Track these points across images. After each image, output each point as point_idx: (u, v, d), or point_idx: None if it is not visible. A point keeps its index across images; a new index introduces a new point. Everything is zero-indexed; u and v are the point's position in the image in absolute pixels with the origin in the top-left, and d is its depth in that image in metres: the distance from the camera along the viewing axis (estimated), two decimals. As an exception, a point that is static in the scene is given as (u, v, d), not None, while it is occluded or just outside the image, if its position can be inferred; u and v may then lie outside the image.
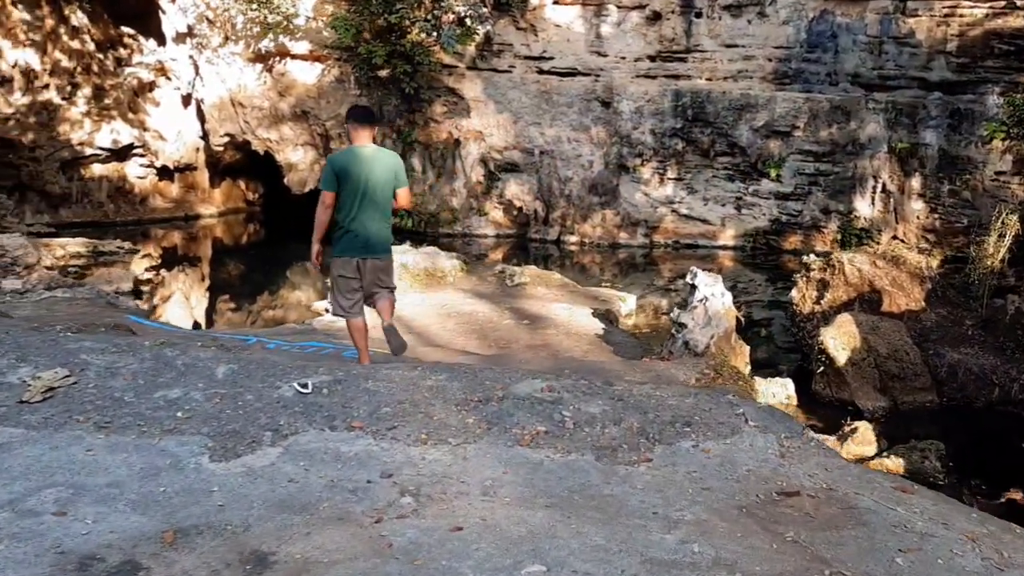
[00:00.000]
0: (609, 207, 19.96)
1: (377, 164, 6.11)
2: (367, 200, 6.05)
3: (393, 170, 6.21)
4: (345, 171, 5.99)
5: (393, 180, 6.21)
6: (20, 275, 11.63)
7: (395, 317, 10.61)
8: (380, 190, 6.10)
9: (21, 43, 20.72)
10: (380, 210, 6.16)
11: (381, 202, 6.13)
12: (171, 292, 15.08)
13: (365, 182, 6.02)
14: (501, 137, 20.35)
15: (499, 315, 11.47)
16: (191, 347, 6.19)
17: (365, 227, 6.09)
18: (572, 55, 19.97)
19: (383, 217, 6.24)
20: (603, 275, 18.64)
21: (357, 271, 6.27)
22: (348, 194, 6.02)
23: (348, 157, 6.09)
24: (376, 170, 6.08)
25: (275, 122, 21.49)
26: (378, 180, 6.08)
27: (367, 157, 6.12)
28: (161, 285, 15.63)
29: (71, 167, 21.21)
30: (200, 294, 15.53)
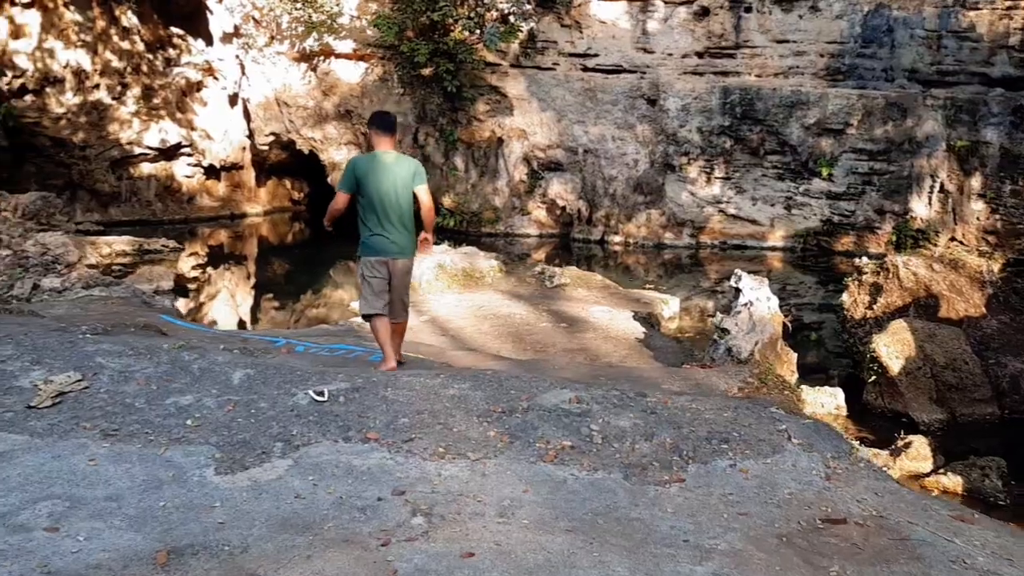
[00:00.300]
0: (654, 207, 19.50)
1: (399, 169, 6.24)
2: (392, 204, 6.21)
3: (412, 173, 6.31)
4: (366, 175, 6.14)
5: (412, 182, 6.31)
6: (61, 273, 11.64)
7: (431, 319, 10.42)
8: (403, 194, 6.26)
9: (73, 44, 20.99)
10: (404, 213, 6.32)
11: (404, 205, 6.30)
12: (212, 291, 15.06)
13: (388, 186, 6.17)
14: (544, 135, 20.01)
15: (536, 317, 11.14)
16: (210, 350, 5.99)
17: (392, 229, 6.25)
18: (617, 52, 19.55)
19: (407, 219, 6.38)
20: (647, 276, 18.20)
21: (387, 271, 6.40)
22: (373, 198, 6.18)
23: (370, 162, 6.22)
24: (399, 175, 6.22)
25: (319, 121, 21.45)
26: (400, 184, 6.22)
27: (389, 163, 6.24)
28: (203, 283, 15.63)
29: (120, 166, 21.43)
30: (241, 293, 15.49)
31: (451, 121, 20.69)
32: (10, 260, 11.63)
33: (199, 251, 20.27)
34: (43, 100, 20.77)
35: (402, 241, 6.38)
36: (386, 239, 6.30)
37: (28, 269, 11.56)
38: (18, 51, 20.24)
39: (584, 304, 11.94)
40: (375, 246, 6.32)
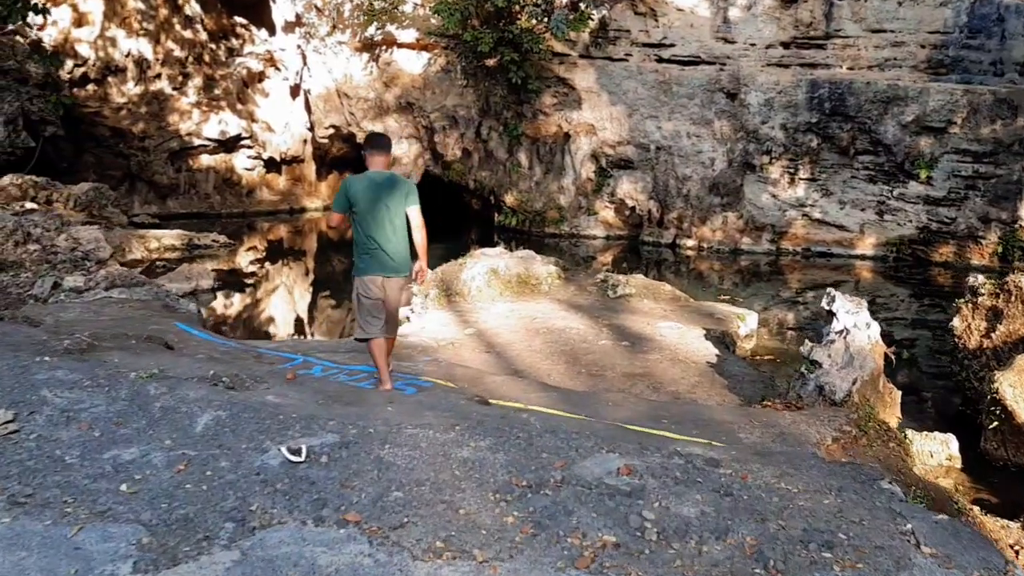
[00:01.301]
0: (731, 209, 17.92)
1: (389, 188, 6.19)
2: (385, 222, 6.15)
3: (404, 193, 6.24)
4: (359, 195, 6.12)
5: (404, 203, 6.22)
6: (89, 271, 10.85)
7: (478, 331, 9.23)
8: (395, 213, 6.19)
9: (135, 32, 20.48)
10: (397, 231, 6.24)
11: (397, 224, 6.23)
12: (255, 291, 14.15)
13: (380, 205, 6.12)
14: (614, 131, 18.62)
15: (595, 333, 9.84)
16: (183, 383, 4.89)
17: (385, 248, 6.20)
18: (695, 42, 18.02)
19: (401, 238, 6.29)
20: (722, 284, 16.68)
21: (381, 290, 6.29)
22: (366, 217, 6.13)
23: (363, 182, 6.20)
24: (389, 193, 6.17)
25: (380, 114, 20.49)
26: (392, 203, 6.17)
27: (381, 182, 6.20)
28: (248, 283, 14.72)
29: (179, 158, 20.86)
30: (287, 294, 14.54)
31: (515, 115, 19.48)
32: (38, 255, 10.89)
33: (255, 246, 19.52)
34: (104, 90, 20.31)
35: (395, 260, 6.28)
36: (379, 258, 6.22)
37: (56, 266, 10.80)
38: (80, 39, 19.80)
39: (650, 319, 10.58)
40: (368, 265, 6.24)
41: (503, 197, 19.91)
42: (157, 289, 9.67)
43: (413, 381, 6.61)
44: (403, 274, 6.35)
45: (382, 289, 6.25)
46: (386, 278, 6.24)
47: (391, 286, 6.30)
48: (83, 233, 11.60)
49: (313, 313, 13.15)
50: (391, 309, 6.42)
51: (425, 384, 6.51)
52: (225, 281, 14.47)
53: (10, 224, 10.87)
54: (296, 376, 6.16)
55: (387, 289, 6.28)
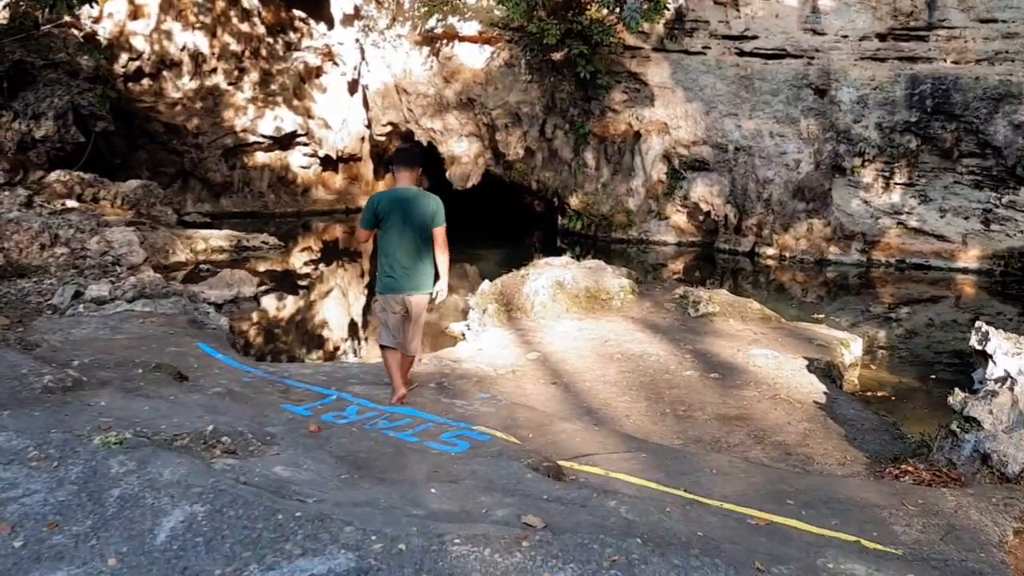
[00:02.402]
0: (818, 215, 16.19)
1: (416, 205, 6.00)
2: (408, 240, 5.97)
3: (431, 211, 6.03)
4: (386, 211, 5.97)
5: (430, 221, 6.00)
6: (119, 276, 9.79)
7: (542, 356, 8.03)
8: (420, 230, 5.99)
9: (191, 26, 19.61)
10: (421, 249, 6.04)
11: (422, 242, 6.03)
12: (296, 299, 12.97)
13: (406, 223, 5.95)
14: (689, 130, 17.05)
15: (678, 361, 8.38)
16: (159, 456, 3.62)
17: (409, 266, 6.04)
18: (781, 33, 16.32)
19: (425, 256, 6.09)
20: (805, 297, 15.02)
21: (404, 307, 6.15)
22: (391, 234, 5.99)
23: (390, 198, 6.06)
24: (415, 211, 5.97)
25: (439, 110, 19.25)
26: (417, 221, 5.97)
27: (407, 199, 6.00)
28: (289, 289, 13.51)
29: (233, 155, 19.94)
30: (330, 303, 13.23)
31: (583, 112, 18.04)
32: (65, 259, 9.88)
33: (308, 247, 18.47)
34: (159, 84, 19.48)
35: (419, 278, 6.11)
36: (402, 276, 6.06)
37: (83, 271, 9.78)
38: (136, 32, 18.99)
39: (739, 343, 9.07)
40: (391, 284, 6.11)
41: (567, 199, 18.49)
42: (186, 301, 8.52)
43: (466, 432, 5.27)
44: (426, 291, 6.20)
45: (404, 307, 6.12)
46: (408, 295, 6.11)
47: (413, 304, 6.15)
48: (116, 235, 10.58)
49: (360, 325, 11.86)
50: (414, 326, 6.25)
51: (481, 438, 5.17)
52: (271, 286, 13.37)
53: (36, 225, 9.88)
54: (321, 428, 4.87)
55: (409, 306, 6.14)
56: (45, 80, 16.42)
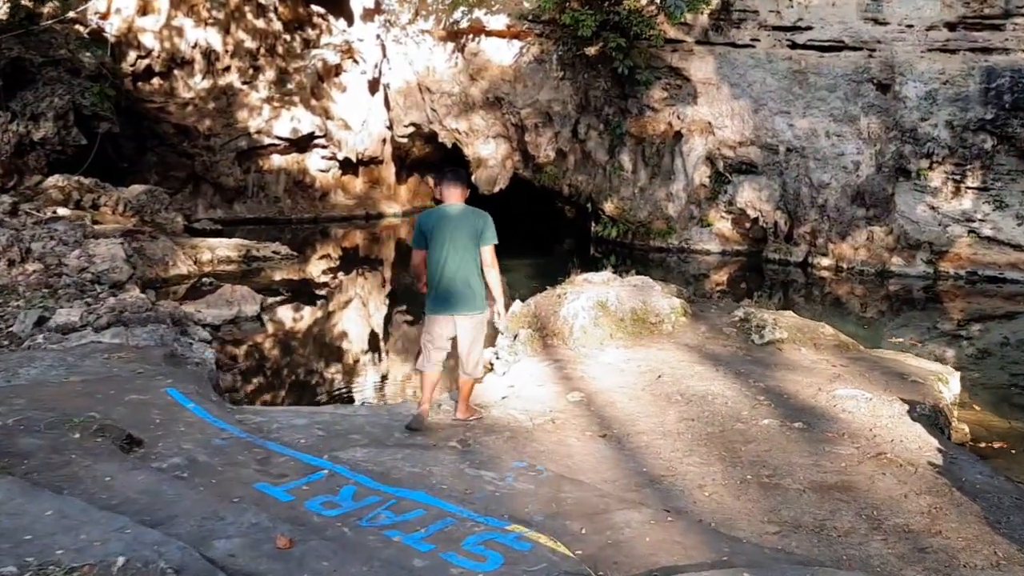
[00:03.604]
0: (879, 222, 14.55)
1: (464, 223, 5.71)
2: (456, 258, 5.65)
3: (480, 228, 5.72)
4: (432, 229, 5.70)
5: (478, 239, 5.70)
6: (97, 297, 8.44)
7: (586, 397, 6.62)
8: (467, 249, 5.68)
9: (203, 21, 18.35)
10: (470, 268, 5.69)
11: (471, 261, 5.69)
12: (305, 319, 11.50)
13: (453, 240, 5.66)
14: (735, 129, 15.47)
15: (750, 404, 6.85)
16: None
17: (455, 284, 5.69)
18: (838, 23, 14.69)
19: (474, 275, 5.72)
20: (865, 312, 13.43)
21: (451, 328, 5.82)
22: (438, 253, 5.68)
23: (436, 216, 5.76)
24: (463, 228, 5.69)
25: (465, 110, 17.82)
26: (465, 238, 5.68)
27: (455, 216, 5.72)
28: (298, 307, 12.00)
29: (247, 158, 18.64)
30: (342, 324, 11.62)
31: (619, 111, 16.53)
32: (37, 278, 8.54)
33: (326, 254, 17.10)
34: (170, 83, 18.25)
35: (468, 298, 5.78)
36: (450, 296, 5.77)
37: (56, 291, 8.44)
38: (145, 29, 17.76)
39: (819, 379, 7.52)
40: (439, 304, 5.80)
41: (602, 205, 16.97)
42: (166, 330, 7.12)
43: (499, 536, 3.79)
44: (477, 311, 5.88)
45: (451, 328, 5.85)
46: (455, 316, 5.82)
47: (463, 324, 5.85)
48: (101, 249, 9.24)
49: (375, 352, 10.29)
50: (465, 347, 5.93)
51: (519, 546, 3.69)
52: (279, 301, 11.98)
53: (3, 239, 8.53)
54: (293, 542, 3.41)
55: (458, 327, 5.85)
56: (45, 79, 15.23)
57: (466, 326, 5.86)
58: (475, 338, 5.95)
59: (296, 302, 12.24)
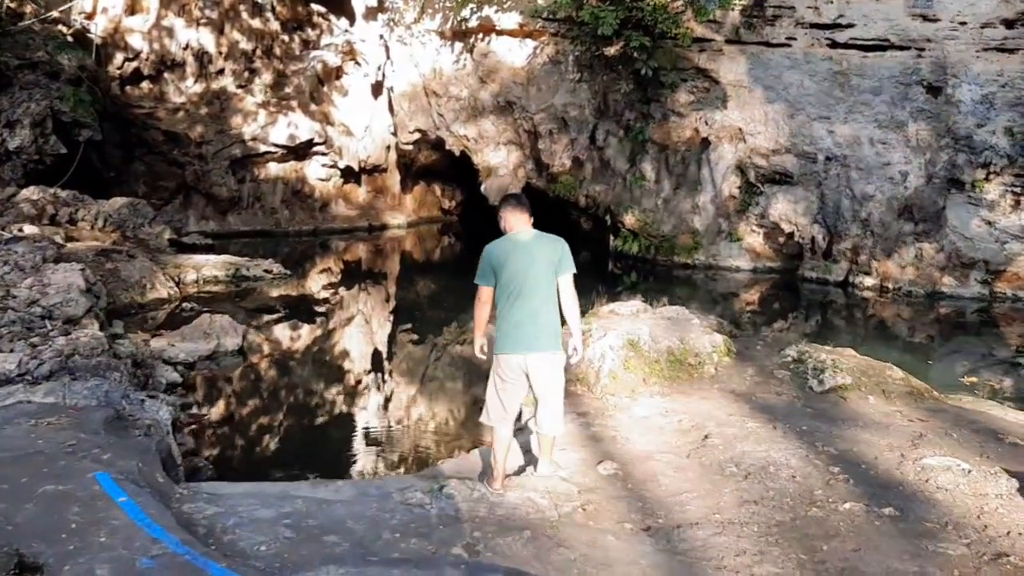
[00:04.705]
0: (928, 239, 13.25)
1: (538, 250, 5.10)
2: (529, 291, 5.02)
3: (557, 256, 5.11)
4: (502, 262, 5.07)
5: (556, 268, 5.08)
6: (47, 336, 7.24)
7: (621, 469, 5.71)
8: (543, 279, 5.06)
9: (195, 21, 17.21)
10: (545, 301, 5.06)
11: (545, 292, 5.07)
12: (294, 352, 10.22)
13: (527, 271, 5.03)
14: (769, 136, 14.19)
15: (823, 478, 5.58)
16: None
17: (530, 320, 5.02)
18: (883, 20, 13.40)
19: (550, 308, 5.08)
20: (912, 337, 12.14)
21: (523, 371, 5.07)
22: (508, 286, 5.05)
23: (505, 246, 5.16)
24: (538, 257, 5.07)
25: (474, 115, 16.60)
26: (540, 268, 5.05)
27: (527, 243, 5.10)
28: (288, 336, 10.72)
29: (242, 166, 17.47)
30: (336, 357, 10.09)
31: (640, 116, 15.27)
32: (-25, 312, 7.33)
33: (327, 268, 15.89)
34: (159, 87, 17.11)
35: (544, 335, 5.04)
36: (523, 334, 5.04)
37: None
38: (132, 29, 16.63)
39: (898, 440, 6.25)
40: (509, 342, 5.05)
41: (621, 217, 15.71)
42: (112, 385, 5.88)
43: None
44: (554, 350, 5.18)
45: (525, 369, 5.12)
46: (530, 356, 5.10)
47: (539, 366, 5.12)
48: (57, 277, 8.03)
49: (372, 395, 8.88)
50: (541, 394, 5.22)
51: None
52: (266, 328, 10.76)
53: (-64, 267, 7.34)
54: None
55: (532, 369, 5.12)
56: (21, 83, 14.09)
57: (542, 368, 5.12)
58: (552, 382, 5.19)
59: (286, 329, 11.01)
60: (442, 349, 10.91)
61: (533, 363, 5.08)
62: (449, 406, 8.27)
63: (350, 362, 9.85)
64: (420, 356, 10.39)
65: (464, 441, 7.15)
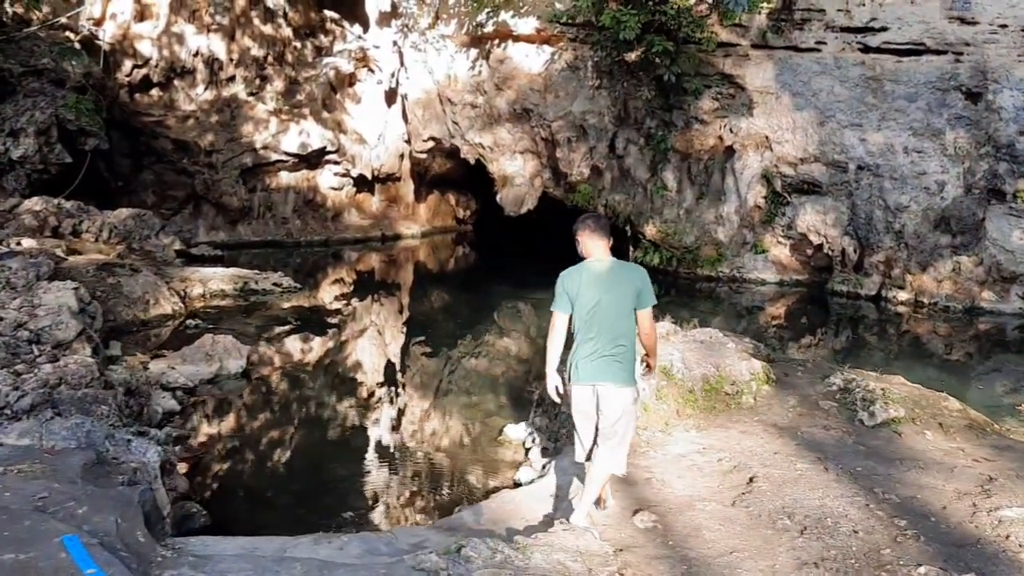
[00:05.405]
0: (966, 251, 12.50)
1: (616, 279, 4.76)
2: (605, 321, 4.72)
3: (636, 288, 4.73)
4: (577, 291, 4.79)
5: (634, 299, 4.73)
6: (34, 363, 6.63)
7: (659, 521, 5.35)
8: (620, 311, 4.74)
9: (206, 27, 16.66)
10: (621, 332, 4.74)
11: (621, 324, 4.74)
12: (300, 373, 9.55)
13: (603, 301, 4.73)
14: (797, 144, 13.48)
15: (889, 535, 4.89)
16: None
17: (605, 352, 4.70)
18: (918, 23, 12.69)
19: (625, 341, 4.75)
20: (949, 354, 11.40)
21: (594, 403, 4.80)
22: (583, 316, 4.79)
23: (581, 274, 4.85)
24: (616, 286, 4.74)
25: (489, 123, 15.96)
26: (618, 298, 4.73)
27: (603, 273, 4.79)
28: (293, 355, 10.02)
29: (252, 175, 16.89)
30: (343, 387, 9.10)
31: (662, 123, 14.59)
32: (-43, 336, 6.73)
33: (339, 279, 15.26)
34: (169, 95, 16.57)
35: (617, 367, 4.71)
36: (595, 364, 4.72)
37: (-21, 353, 6.63)
38: (142, 36, 16.09)
39: (965, 484, 5.56)
40: (581, 371, 4.76)
41: (642, 228, 15.01)
42: (93, 425, 5.24)
43: None
44: (626, 385, 4.78)
45: (594, 401, 4.79)
46: (600, 386, 4.74)
47: (609, 400, 4.73)
48: (48, 297, 7.43)
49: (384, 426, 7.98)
50: (607, 429, 4.76)
51: None
52: (274, 346, 10.14)
53: (-82, 287, 6.75)
54: None
55: (602, 402, 4.75)
56: (25, 90, 13.55)
57: (611, 401, 4.80)
58: (621, 420, 4.80)
59: (293, 348, 10.38)
60: (458, 364, 10.26)
61: (602, 394, 4.79)
62: (468, 436, 7.61)
63: (360, 387, 9.20)
64: (435, 376, 9.73)
65: (485, 478, 6.49)
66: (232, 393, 8.22)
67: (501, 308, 13.80)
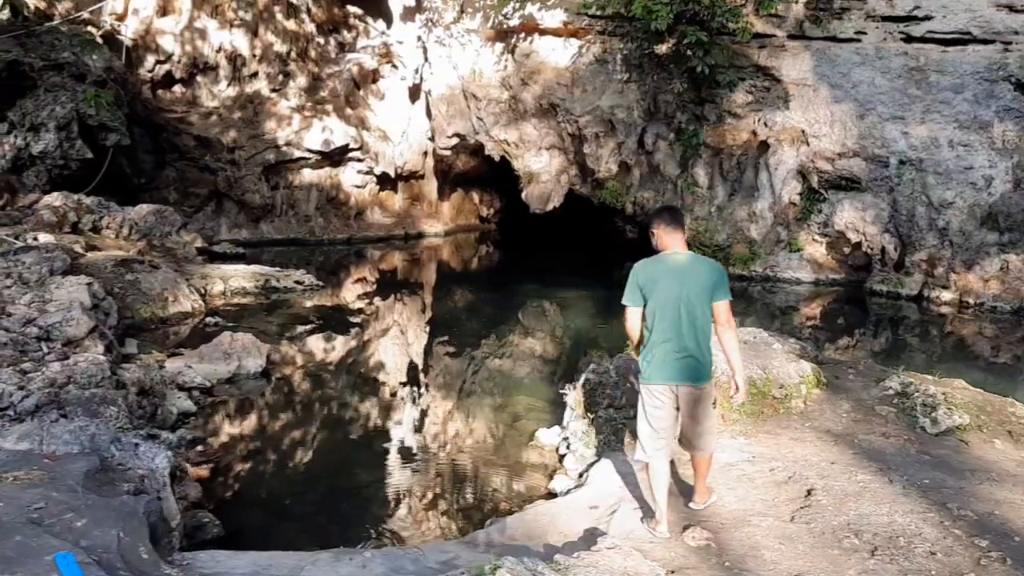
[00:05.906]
0: (1015, 249, 11.86)
1: (692, 274, 4.55)
2: (681, 317, 4.52)
3: (712, 282, 4.54)
4: (651, 283, 4.58)
5: (711, 293, 4.53)
6: (42, 360, 6.24)
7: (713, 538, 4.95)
8: (696, 305, 4.53)
9: (229, 23, 16.33)
10: (697, 329, 4.55)
11: (698, 319, 4.55)
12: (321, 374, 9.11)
13: (678, 295, 4.53)
14: (835, 138, 12.89)
15: (970, 556, 4.38)
16: None
17: (681, 349, 4.54)
18: (964, 11, 12.06)
19: (703, 337, 4.58)
20: (996, 357, 10.78)
21: (671, 401, 4.61)
22: (657, 310, 4.58)
23: (656, 267, 4.61)
24: (691, 281, 4.53)
25: (515, 119, 15.49)
26: (693, 293, 4.52)
27: (680, 265, 4.56)
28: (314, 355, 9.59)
29: (275, 173, 16.52)
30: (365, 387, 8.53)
31: (693, 118, 14.04)
32: (-36, 332, 6.36)
33: (361, 278, 14.83)
34: (192, 91, 16.26)
35: (695, 365, 4.55)
36: (673, 363, 4.53)
37: (-14, 350, 6.25)
38: (164, 31, 15.79)
39: (1047, 502, 5.00)
40: (657, 371, 4.57)
41: (672, 225, 14.42)
42: (98, 428, 4.83)
43: None
44: (704, 382, 4.63)
45: (673, 401, 4.61)
46: (681, 387, 4.59)
47: (685, 397, 4.60)
48: (60, 293, 7.06)
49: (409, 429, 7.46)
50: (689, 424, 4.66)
51: None
52: (292, 349, 9.71)
53: (-82, 282, 6.38)
54: None
55: (680, 400, 4.61)
56: (46, 85, 13.25)
57: (690, 400, 4.68)
58: (702, 414, 4.72)
59: (314, 347, 9.95)
60: (482, 365, 9.78)
61: (681, 394, 4.66)
62: (496, 441, 7.12)
63: (382, 388, 8.74)
64: (459, 377, 9.25)
65: (516, 487, 6.00)
66: (251, 393, 7.80)
67: (526, 308, 13.31)
